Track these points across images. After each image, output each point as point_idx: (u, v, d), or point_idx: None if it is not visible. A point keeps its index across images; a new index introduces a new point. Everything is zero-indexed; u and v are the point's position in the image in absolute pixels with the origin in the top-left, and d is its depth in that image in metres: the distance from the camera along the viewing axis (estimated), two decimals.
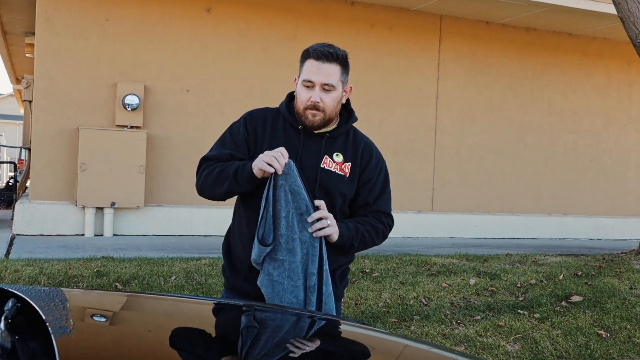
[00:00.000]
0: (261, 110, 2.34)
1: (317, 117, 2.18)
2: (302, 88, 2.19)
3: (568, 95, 10.43)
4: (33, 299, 1.43)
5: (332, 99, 2.19)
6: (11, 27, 10.95)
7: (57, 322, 1.27)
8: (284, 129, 2.27)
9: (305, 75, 2.17)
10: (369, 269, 5.90)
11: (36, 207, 7.61)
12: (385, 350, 1.57)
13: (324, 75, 2.16)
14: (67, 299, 1.58)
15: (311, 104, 2.16)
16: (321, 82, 2.16)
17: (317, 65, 2.16)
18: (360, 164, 2.30)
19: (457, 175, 9.61)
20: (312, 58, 2.17)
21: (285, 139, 2.23)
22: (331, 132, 2.27)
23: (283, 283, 2.10)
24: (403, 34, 9.29)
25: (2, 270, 5.21)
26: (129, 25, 7.99)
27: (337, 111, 2.26)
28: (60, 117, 7.73)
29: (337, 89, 2.20)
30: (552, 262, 6.63)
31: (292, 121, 2.26)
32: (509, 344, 4.23)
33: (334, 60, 2.18)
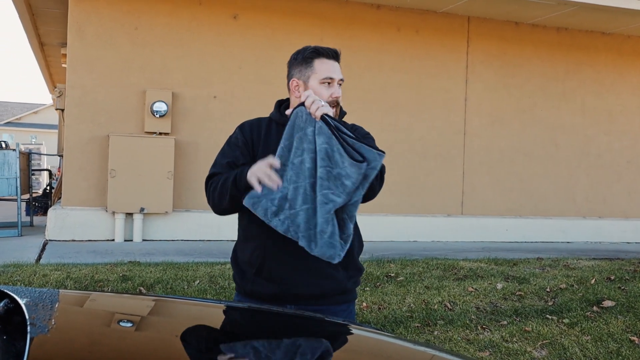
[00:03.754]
0: (253, 119, 2.42)
1: (336, 109, 2.28)
2: (320, 87, 2.25)
3: (602, 95, 10.19)
4: (26, 299, 1.44)
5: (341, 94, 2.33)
6: (47, 38, 11.23)
7: (39, 322, 1.27)
8: (277, 132, 2.31)
9: (324, 73, 2.25)
10: (394, 273, 5.84)
11: (68, 213, 7.75)
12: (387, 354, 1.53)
13: (339, 72, 2.28)
14: (61, 301, 1.59)
15: (334, 99, 2.25)
16: (339, 79, 2.28)
17: (332, 64, 2.27)
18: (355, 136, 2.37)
19: (487, 179, 9.47)
20: (324, 57, 2.26)
21: (278, 136, 2.27)
22: None
23: None
24: (430, 37, 9.20)
25: (31, 274, 5.31)
26: (157, 33, 8.10)
27: None
28: (91, 124, 7.87)
29: None
30: (585, 266, 6.47)
31: (283, 122, 2.29)
32: (535, 350, 4.13)
33: (339, 59, 2.32)
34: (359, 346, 1.57)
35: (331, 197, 2.03)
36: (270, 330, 1.58)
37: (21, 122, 42.88)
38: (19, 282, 5.10)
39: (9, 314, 1.39)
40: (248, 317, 1.72)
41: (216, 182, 2.29)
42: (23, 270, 5.49)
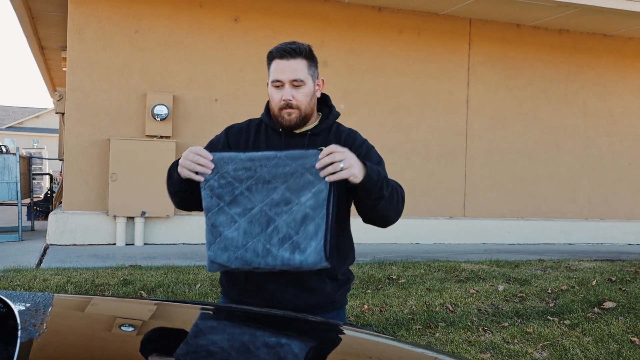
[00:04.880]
0: (243, 122, 2.31)
1: (293, 115, 2.12)
2: (272, 90, 2.14)
3: (604, 97, 10.18)
4: (20, 304, 1.43)
5: (304, 95, 2.13)
6: (48, 42, 11.24)
7: (31, 327, 1.26)
8: (266, 134, 2.23)
9: (273, 75, 2.13)
10: (395, 276, 5.83)
11: (69, 218, 7.74)
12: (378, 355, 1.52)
13: (291, 71, 2.10)
14: (55, 305, 1.58)
15: (284, 103, 2.11)
16: (289, 79, 2.10)
17: (282, 64, 2.11)
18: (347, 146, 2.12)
19: (489, 180, 9.46)
20: (277, 58, 2.12)
21: (267, 143, 2.20)
22: (313, 130, 2.21)
23: None
24: (432, 39, 9.20)
25: (31, 279, 5.30)
26: (158, 36, 8.10)
27: (312, 106, 2.19)
28: (91, 128, 7.87)
29: (307, 84, 2.13)
30: (586, 268, 6.45)
31: (273, 125, 2.21)
32: (537, 351, 4.11)
33: (298, 55, 2.12)
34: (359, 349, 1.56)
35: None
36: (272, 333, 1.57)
37: (23, 126, 42.96)
38: (19, 286, 5.09)
39: (3, 319, 1.38)
40: (250, 321, 1.70)
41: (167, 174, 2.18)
42: (23, 275, 5.48)
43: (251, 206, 1.89)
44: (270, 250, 1.87)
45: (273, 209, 1.88)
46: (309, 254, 1.86)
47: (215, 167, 1.92)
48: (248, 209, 1.89)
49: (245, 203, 1.90)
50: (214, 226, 1.91)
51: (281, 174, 1.88)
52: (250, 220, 1.89)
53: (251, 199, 1.90)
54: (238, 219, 1.90)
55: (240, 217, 1.90)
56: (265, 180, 1.89)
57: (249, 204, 1.90)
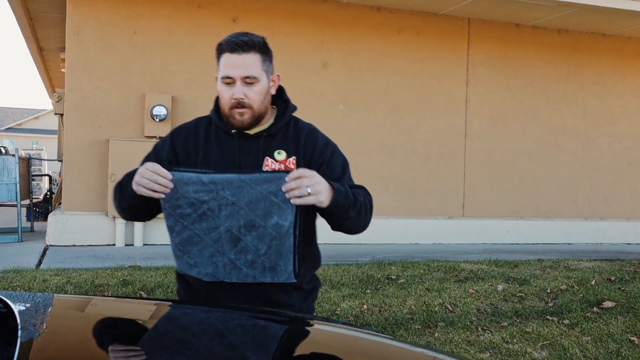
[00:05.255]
0: (190, 122, 2.12)
1: (246, 115, 1.95)
2: (222, 86, 1.96)
3: (603, 97, 10.18)
4: (20, 304, 1.43)
5: (257, 92, 1.95)
6: (46, 43, 11.24)
7: (31, 327, 1.26)
8: (217, 136, 2.04)
9: (223, 71, 1.94)
10: (394, 276, 5.83)
11: (68, 218, 7.74)
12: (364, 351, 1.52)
13: (243, 67, 1.92)
14: (55, 305, 1.58)
15: (235, 101, 1.93)
16: (241, 76, 1.92)
17: (233, 59, 1.92)
18: (305, 154, 2.04)
19: (488, 180, 9.46)
20: (227, 51, 1.93)
21: (220, 147, 2.02)
22: (268, 130, 2.04)
23: None
24: (431, 39, 9.20)
25: (31, 280, 5.30)
26: (156, 36, 8.10)
27: (266, 105, 2.02)
28: (90, 128, 7.87)
29: (261, 80, 1.96)
30: (585, 267, 6.45)
31: (224, 126, 2.02)
32: (536, 351, 4.11)
33: (251, 48, 1.93)
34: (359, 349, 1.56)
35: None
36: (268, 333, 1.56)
37: (22, 127, 42.95)
38: (19, 287, 5.09)
39: (3, 319, 1.38)
40: (250, 322, 1.70)
41: (115, 187, 2.03)
42: (23, 275, 5.48)
43: (216, 225, 1.82)
44: (241, 269, 1.84)
45: (239, 230, 1.82)
46: (278, 272, 1.84)
47: (174, 187, 1.80)
48: (213, 228, 1.82)
49: (210, 222, 1.82)
50: (180, 244, 1.86)
51: (246, 196, 1.79)
52: (217, 239, 1.82)
53: (215, 219, 1.81)
54: (205, 237, 1.83)
55: (207, 235, 1.83)
56: (228, 202, 1.79)
57: (214, 223, 1.82)
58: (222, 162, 2.00)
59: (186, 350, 1.27)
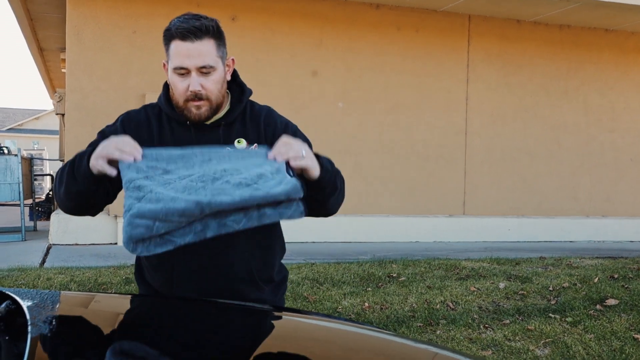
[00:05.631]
0: (139, 110, 1.94)
1: (203, 108, 1.79)
2: (175, 77, 1.77)
3: (605, 93, 10.16)
4: (28, 301, 1.43)
5: (214, 82, 1.79)
6: (46, 43, 11.25)
7: (40, 323, 1.27)
8: (171, 127, 1.87)
9: (175, 61, 1.74)
10: (395, 274, 5.82)
11: (70, 218, 7.74)
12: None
13: (197, 56, 1.73)
14: (63, 302, 1.58)
15: (191, 94, 1.76)
16: (197, 66, 1.74)
17: (185, 47, 1.73)
18: (266, 138, 1.89)
19: (489, 178, 9.45)
20: (178, 38, 1.73)
21: (174, 140, 1.84)
22: (225, 118, 1.87)
23: None
24: (430, 36, 9.19)
25: (35, 278, 5.31)
26: (156, 36, 8.05)
27: (224, 93, 1.86)
28: (91, 128, 7.83)
29: (217, 69, 1.79)
30: (588, 265, 6.44)
31: (177, 117, 1.85)
32: (538, 349, 4.11)
33: (205, 34, 1.75)
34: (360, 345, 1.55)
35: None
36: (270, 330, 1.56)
37: (23, 128, 42.99)
38: (23, 285, 5.09)
39: (12, 316, 1.39)
40: (254, 318, 1.69)
41: (59, 173, 1.81)
42: (27, 274, 5.49)
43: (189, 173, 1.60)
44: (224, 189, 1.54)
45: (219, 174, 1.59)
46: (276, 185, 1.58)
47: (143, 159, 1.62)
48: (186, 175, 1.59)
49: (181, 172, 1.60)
50: (139, 188, 1.55)
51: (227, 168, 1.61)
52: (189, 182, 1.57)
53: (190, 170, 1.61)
54: (173, 182, 1.56)
55: (177, 180, 1.57)
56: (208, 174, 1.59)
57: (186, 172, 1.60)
58: None
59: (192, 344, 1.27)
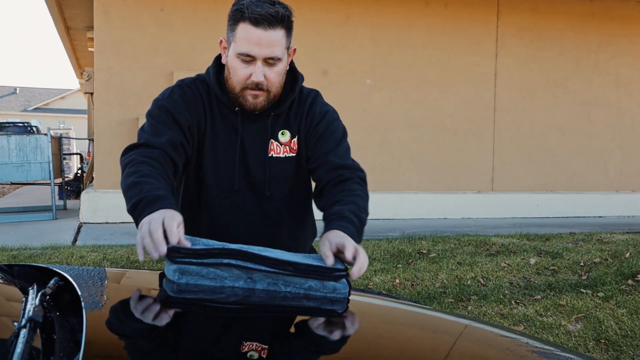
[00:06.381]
0: (191, 84, 1.81)
1: (260, 98, 1.70)
2: (237, 62, 1.67)
3: (637, 66, 9.96)
4: (74, 277, 1.47)
5: (277, 74, 1.69)
6: (73, 22, 11.31)
7: (92, 298, 1.30)
8: (220, 111, 1.77)
9: (241, 46, 1.64)
10: (425, 250, 5.83)
11: (100, 196, 7.86)
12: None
13: (267, 46, 1.63)
14: (107, 278, 1.62)
15: (252, 83, 1.67)
16: (265, 56, 1.64)
17: (257, 34, 1.62)
18: (306, 126, 1.82)
19: (518, 154, 9.36)
20: (250, 23, 1.62)
21: (224, 126, 1.76)
22: (276, 108, 1.78)
23: None
24: (459, 11, 9.06)
25: (68, 256, 5.42)
26: (183, 13, 8.11)
27: (282, 85, 1.76)
28: (120, 107, 7.94)
29: (282, 60, 1.69)
30: (619, 240, 6.38)
31: (226, 101, 1.76)
32: (570, 324, 4.10)
33: (279, 23, 1.63)
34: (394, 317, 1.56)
35: None
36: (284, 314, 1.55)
37: (49, 107, 43.53)
38: (57, 263, 5.20)
39: (60, 292, 1.42)
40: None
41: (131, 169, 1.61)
42: (60, 252, 5.60)
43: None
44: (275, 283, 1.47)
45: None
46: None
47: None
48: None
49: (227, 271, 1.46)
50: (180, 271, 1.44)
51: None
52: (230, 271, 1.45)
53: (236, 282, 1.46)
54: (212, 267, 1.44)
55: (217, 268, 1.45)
56: None
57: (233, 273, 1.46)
58: (228, 143, 1.77)
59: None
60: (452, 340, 1.34)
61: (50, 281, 1.45)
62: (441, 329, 1.44)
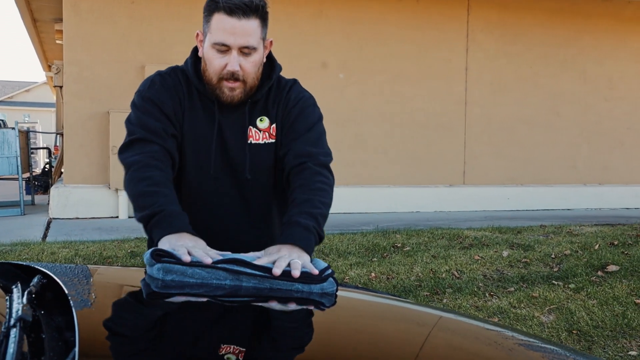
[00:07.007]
0: (170, 73, 1.82)
1: (237, 90, 1.72)
2: (213, 52, 1.68)
3: (602, 62, 10.16)
4: (58, 275, 1.45)
5: (253, 64, 1.70)
6: (40, 14, 11.07)
7: (79, 296, 1.28)
8: (200, 98, 1.79)
9: (216, 36, 1.65)
10: (400, 244, 5.88)
11: (71, 191, 7.74)
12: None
13: (242, 35, 1.64)
14: (91, 275, 1.60)
15: (228, 73, 1.68)
16: (239, 45, 1.65)
17: (231, 24, 1.64)
18: (282, 112, 1.83)
19: (488, 148, 9.48)
20: (224, 12, 1.64)
21: (203, 112, 1.78)
22: (253, 97, 1.79)
23: None
24: (430, 6, 9.13)
25: (39, 252, 5.33)
26: (155, 7, 8.01)
27: (258, 76, 1.77)
28: (90, 101, 7.83)
29: (258, 50, 1.70)
30: (588, 232, 6.52)
31: (205, 92, 1.77)
32: (543, 315, 4.18)
33: (253, 13, 1.65)
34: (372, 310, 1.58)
35: None
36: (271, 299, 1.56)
37: (13, 100, 42.56)
38: (28, 260, 5.11)
39: (43, 290, 1.40)
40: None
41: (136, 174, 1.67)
42: (31, 248, 5.51)
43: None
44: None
45: None
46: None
47: None
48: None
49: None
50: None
51: None
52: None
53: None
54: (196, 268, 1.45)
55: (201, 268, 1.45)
56: None
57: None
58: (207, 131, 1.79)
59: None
60: (443, 334, 1.35)
61: (33, 279, 1.43)
62: (429, 323, 1.46)
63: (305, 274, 1.48)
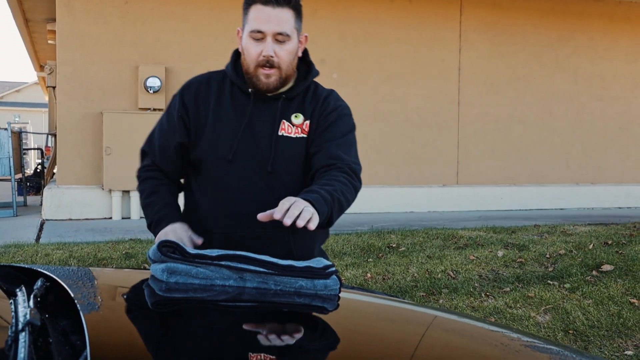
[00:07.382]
0: (203, 76, 1.96)
1: (272, 77, 1.81)
2: (250, 41, 1.79)
3: (595, 62, 10.20)
4: (61, 278, 1.44)
5: (287, 52, 1.81)
6: (32, 14, 11.01)
7: (86, 300, 1.27)
8: (232, 94, 1.89)
9: (252, 24, 1.77)
10: (395, 244, 5.88)
11: (64, 192, 7.71)
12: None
13: (276, 22, 1.76)
14: (94, 278, 1.59)
15: (263, 59, 1.78)
16: (274, 32, 1.76)
17: (266, 12, 1.75)
18: (320, 116, 1.91)
19: (482, 148, 9.50)
20: (259, 3, 1.76)
21: (233, 106, 1.88)
22: (287, 92, 1.89)
23: None
24: (423, 6, 9.14)
25: (33, 254, 5.30)
26: (148, 7, 7.99)
27: (294, 67, 1.88)
28: (84, 101, 7.79)
29: (292, 39, 1.81)
30: (582, 232, 6.55)
31: (241, 84, 1.87)
32: (539, 315, 4.19)
33: (286, 3, 1.77)
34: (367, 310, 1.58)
35: None
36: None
37: (3, 101, 42.26)
38: (21, 262, 5.08)
39: (46, 293, 1.40)
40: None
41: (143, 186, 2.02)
42: (24, 250, 5.48)
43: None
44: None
45: None
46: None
47: None
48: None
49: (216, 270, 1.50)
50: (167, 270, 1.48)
51: None
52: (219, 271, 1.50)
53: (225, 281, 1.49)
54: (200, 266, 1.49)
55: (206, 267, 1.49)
56: None
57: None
58: (234, 119, 1.86)
59: None
60: (446, 334, 1.36)
61: (36, 282, 1.42)
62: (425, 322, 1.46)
63: (309, 269, 1.49)
